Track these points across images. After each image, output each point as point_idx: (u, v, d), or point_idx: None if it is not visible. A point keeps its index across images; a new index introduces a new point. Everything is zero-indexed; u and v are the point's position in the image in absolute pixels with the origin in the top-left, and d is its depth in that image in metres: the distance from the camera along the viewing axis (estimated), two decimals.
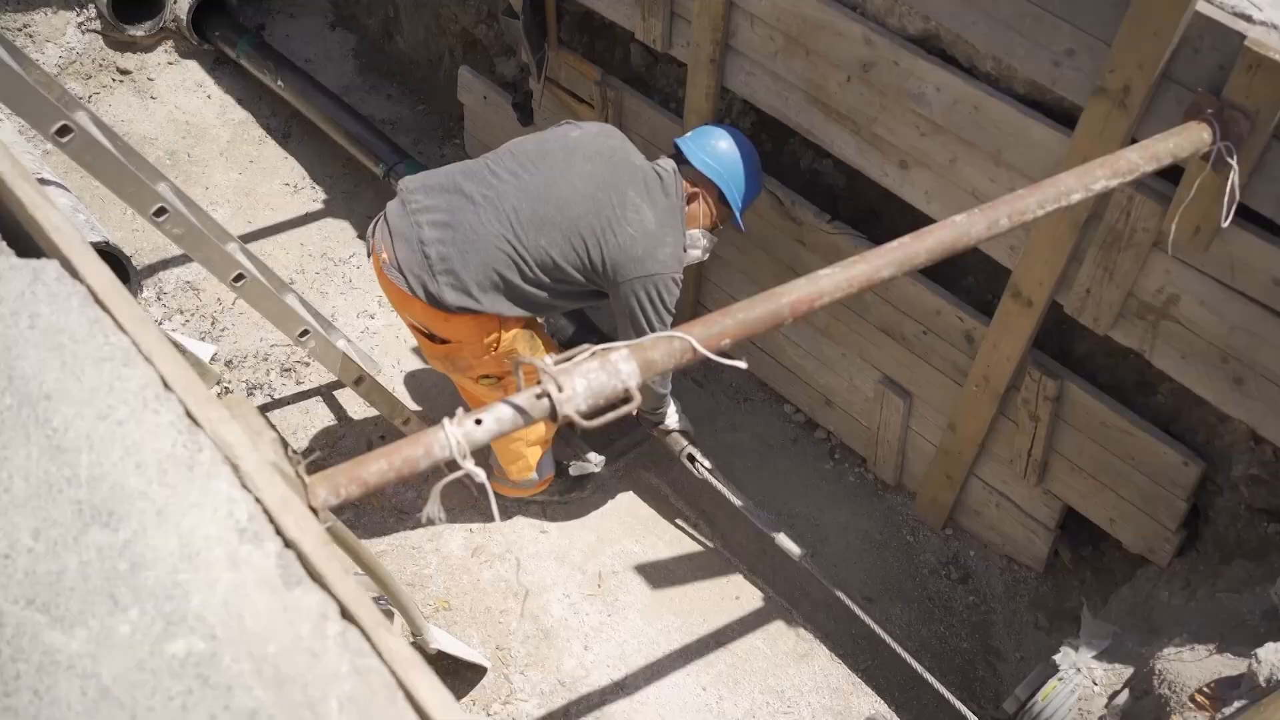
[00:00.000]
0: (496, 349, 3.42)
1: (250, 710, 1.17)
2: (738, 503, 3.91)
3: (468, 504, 4.13)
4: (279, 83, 5.39)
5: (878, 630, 3.59)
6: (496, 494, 3.88)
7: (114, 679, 1.16)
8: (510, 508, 4.14)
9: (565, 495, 4.21)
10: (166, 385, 1.42)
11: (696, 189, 3.48)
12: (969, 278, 3.89)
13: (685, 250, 3.45)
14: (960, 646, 3.98)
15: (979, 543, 4.19)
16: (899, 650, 3.55)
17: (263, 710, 1.17)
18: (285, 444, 1.65)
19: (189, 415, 1.41)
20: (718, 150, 3.49)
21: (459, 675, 3.62)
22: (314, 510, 1.58)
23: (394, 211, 3.37)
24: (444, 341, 3.44)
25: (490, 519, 4.11)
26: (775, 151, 4.32)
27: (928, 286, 3.67)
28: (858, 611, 3.63)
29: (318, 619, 1.26)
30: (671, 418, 3.97)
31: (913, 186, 3.44)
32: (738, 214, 3.56)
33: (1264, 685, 2.48)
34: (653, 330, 3.33)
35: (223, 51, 5.76)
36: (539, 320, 3.67)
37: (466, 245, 3.24)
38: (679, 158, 3.52)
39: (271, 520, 1.35)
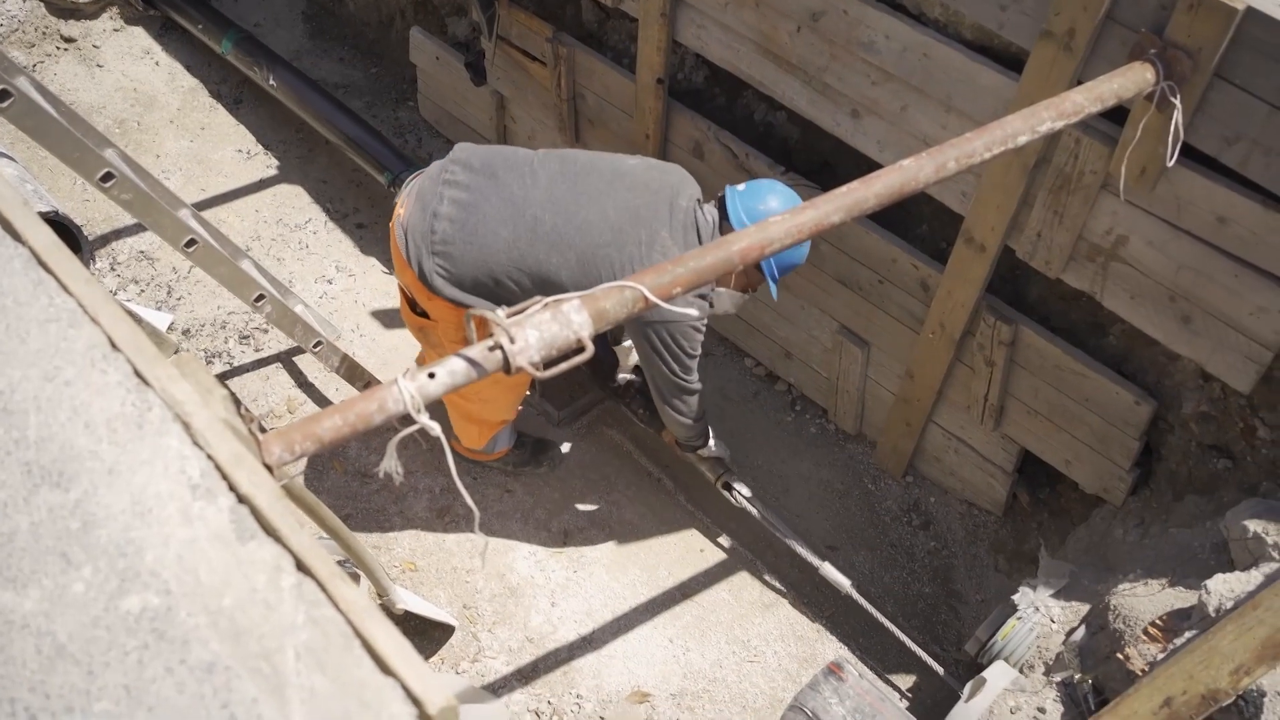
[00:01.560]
0: (470, 343, 3.28)
1: (207, 663, 1.18)
2: (779, 532, 3.81)
3: (432, 466, 4.14)
4: (271, 81, 5.15)
5: (860, 600, 3.65)
6: (453, 452, 3.85)
7: (69, 636, 1.17)
8: (474, 468, 4.15)
9: (518, 468, 4.15)
10: (114, 345, 1.42)
11: None
12: (923, 225, 3.91)
13: (710, 302, 3.22)
14: (923, 591, 4.04)
15: (939, 489, 4.25)
16: (864, 604, 3.62)
17: (219, 662, 1.18)
18: (238, 402, 1.66)
19: (137, 374, 1.41)
20: (757, 212, 3.15)
21: (427, 635, 3.63)
22: (269, 468, 1.58)
23: (430, 173, 3.27)
24: (424, 315, 3.35)
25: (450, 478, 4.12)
26: (728, 105, 4.33)
27: (882, 235, 3.69)
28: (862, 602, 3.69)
29: (272, 571, 1.27)
30: (711, 448, 3.81)
31: (865, 136, 3.45)
32: (773, 286, 3.31)
33: (1213, 615, 2.54)
34: (676, 380, 3.28)
35: (169, 17, 5.67)
36: None
37: (472, 236, 3.10)
38: (724, 210, 3.24)
39: (224, 476, 1.35)
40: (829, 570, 3.70)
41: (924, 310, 3.67)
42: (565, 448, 4.18)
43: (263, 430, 1.60)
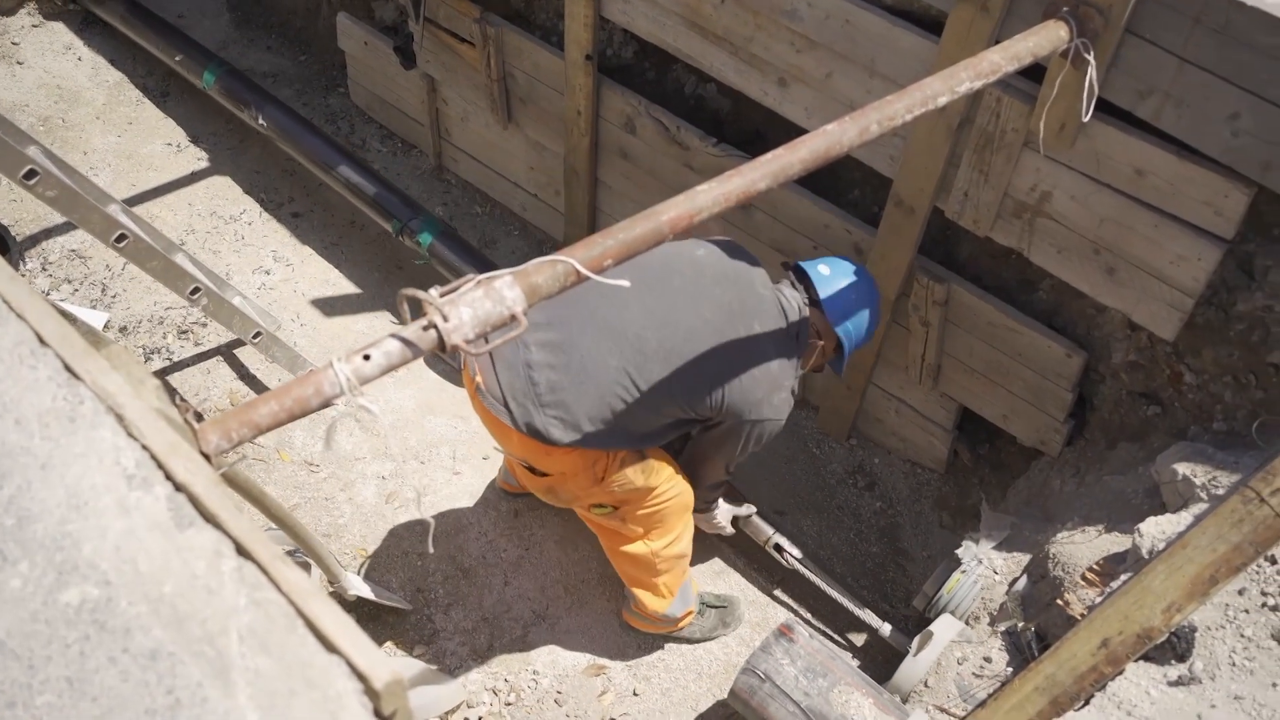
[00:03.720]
0: (604, 479, 3.02)
1: (150, 650, 1.19)
2: (832, 593, 3.69)
3: (380, 452, 4.14)
4: (260, 121, 4.85)
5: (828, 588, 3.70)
6: (632, 628, 3.69)
7: (8, 632, 1.17)
8: (422, 452, 4.15)
9: (706, 637, 3.74)
10: (42, 341, 1.42)
11: (820, 340, 3.08)
12: (855, 191, 3.96)
13: (794, 393, 3.04)
14: (870, 551, 4.11)
15: (882, 450, 4.31)
16: (812, 577, 3.67)
17: (162, 649, 1.19)
18: (173, 392, 1.66)
19: (68, 369, 1.41)
20: (849, 299, 3.06)
21: (380, 620, 3.65)
22: (206, 456, 1.59)
23: None
24: (545, 474, 3.07)
25: (397, 462, 4.13)
26: (659, 79, 4.34)
27: (815, 202, 3.73)
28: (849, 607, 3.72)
29: (212, 556, 1.28)
30: (720, 515, 3.64)
31: (793, 104, 3.48)
32: (844, 364, 3.20)
33: (1146, 557, 2.61)
34: (734, 463, 3.18)
35: (90, 11, 5.58)
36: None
37: (582, 375, 2.84)
38: (809, 291, 3.07)
39: (160, 465, 1.36)
40: (888, 631, 3.63)
41: None
42: (742, 607, 3.85)
43: (199, 419, 1.61)
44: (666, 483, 3.12)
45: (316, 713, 1.17)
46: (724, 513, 3.66)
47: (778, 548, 3.75)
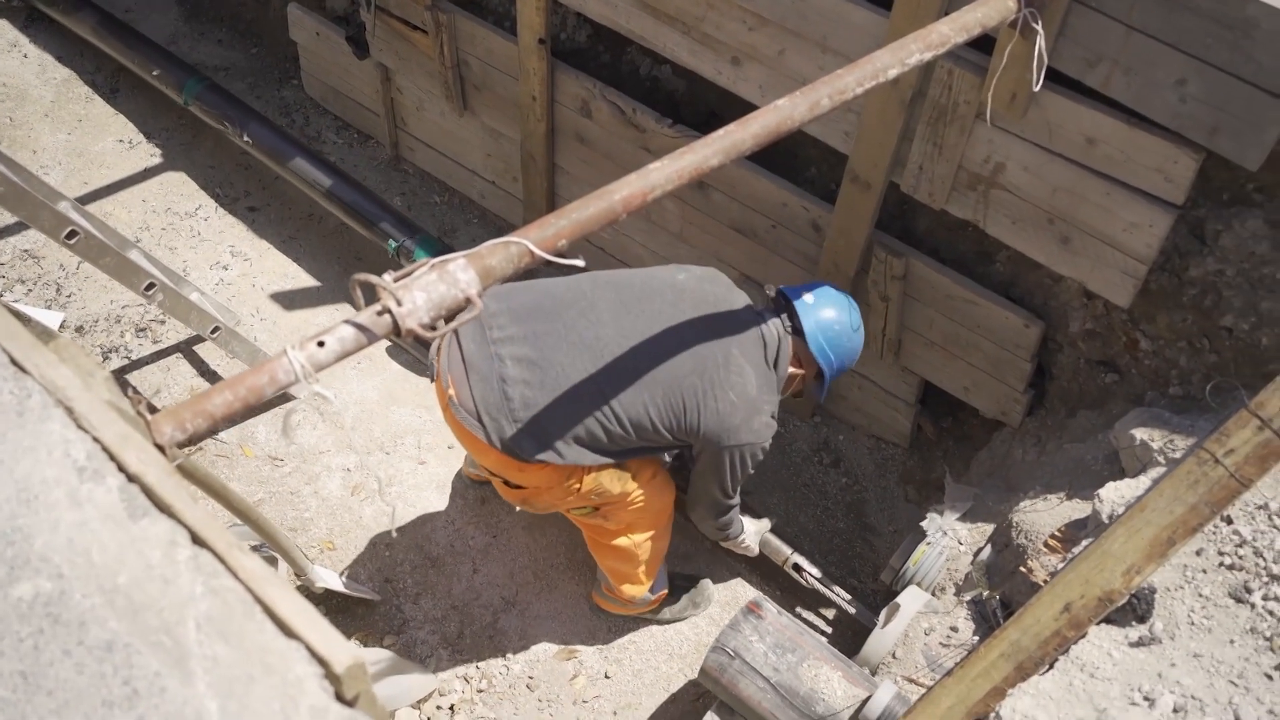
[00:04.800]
0: (580, 490, 3.02)
1: (105, 641, 1.18)
2: (852, 611, 3.67)
3: (344, 445, 4.12)
4: (245, 139, 4.68)
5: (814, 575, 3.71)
6: (603, 610, 3.70)
7: None
8: (387, 443, 4.14)
9: (676, 618, 3.76)
10: None
11: (801, 369, 3.08)
12: (812, 169, 3.97)
13: (774, 417, 3.02)
14: (837, 527, 4.13)
15: (846, 426, 4.33)
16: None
17: (118, 640, 1.18)
18: (127, 384, 1.64)
19: (14, 363, 1.40)
20: (831, 330, 3.04)
21: (350, 611, 3.64)
22: (161, 448, 1.57)
23: (468, 334, 2.91)
24: (520, 486, 3.06)
25: (361, 455, 4.11)
26: (613, 62, 4.33)
27: (772, 180, 3.74)
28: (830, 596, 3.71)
29: (167, 546, 1.27)
30: (747, 538, 3.61)
31: (747, 82, 3.48)
32: (825, 391, 3.19)
33: (1106, 522, 2.63)
34: (724, 498, 3.15)
35: (34, 8, 5.49)
36: None
37: (556, 391, 2.82)
38: (791, 318, 3.06)
39: (112, 457, 1.35)
40: (852, 610, 3.67)
41: (818, 251, 3.73)
42: (711, 588, 3.86)
43: (152, 410, 1.59)
44: (646, 485, 3.12)
45: (276, 698, 1.17)
46: (751, 535, 3.64)
47: (796, 567, 3.72)
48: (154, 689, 1.16)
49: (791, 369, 3.05)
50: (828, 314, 3.05)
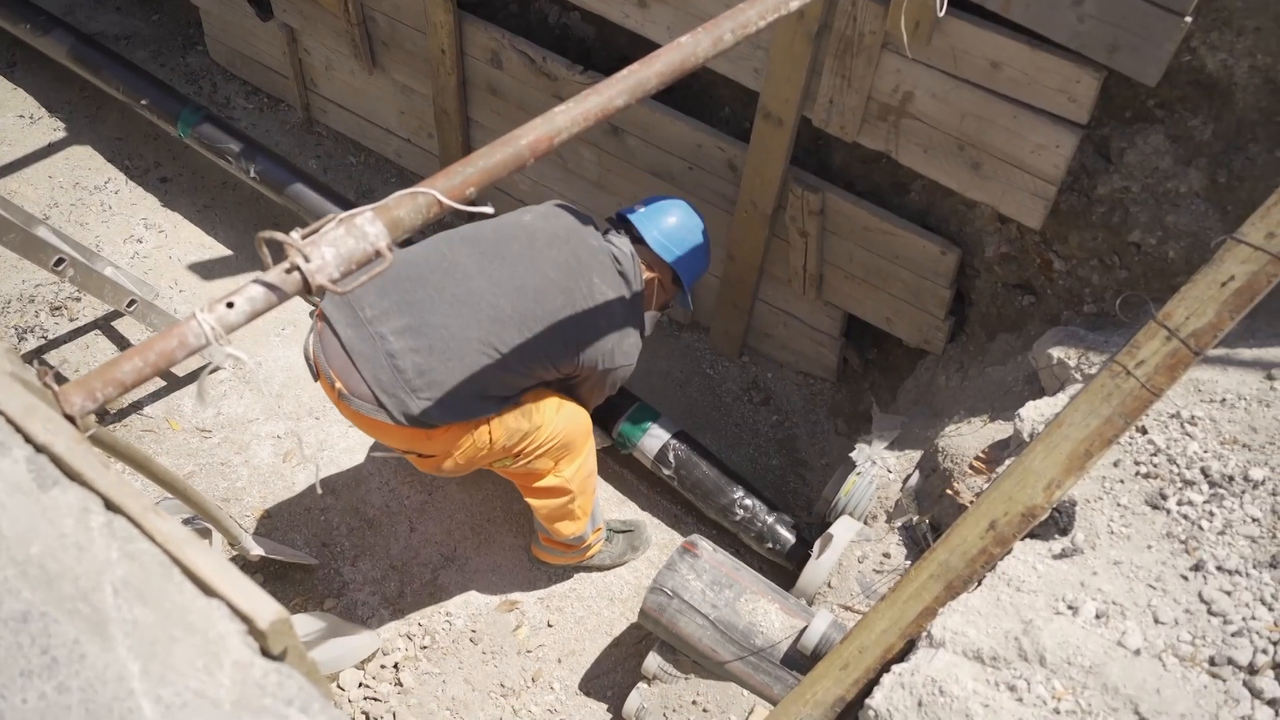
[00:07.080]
0: (491, 439, 3.03)
1: (21, 613, 1.17)
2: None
3: (272, 411, 4.07)
4: (252, 175, 4.42)
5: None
6: (542, 562, 3.72)
7: None
8: (316, 408, 4.10)
9: (616, 562, 3.79)
10: None
11: (653, 273, 3.22)
12: (725, 109, 3.97)
13: (644, 336, 3.20)
14: (770, 464, 4.17)
15: (774, 364, 4.37)
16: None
17: (34, 610, 1.17)
18: (34, 357, 1.61)
19: None
20: (670, 229, 3.23)
21: (288, 578, 3.62)
22: (71, 419, 1.55)
23: (341, 321, 2.89)
24: (432, 455, 3.07)
25: (292, 422, 4.07)
26: (522, 11, 4.29)
27: (686, 122, 3.73)
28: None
29: (79, 514, 1.26)
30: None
31: (655, 25, 3.47)
32: (688, 297, 3.35)
33: (1027, 440, 2.69)
34: (597, 401, 3.32)
35: None
36: None
37: (447, 352, 2.84)
38: (630, 232, 3.23)
39: (17, 429, 1.33)
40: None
41: (735, 191, 3.74)
42: (648, 530, 3.91)
43: (60, 381, 1.56)
44: (552, 414, 3.14)
45: (199, 655, 1.17)
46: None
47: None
48: (73, 656, 1.15)
49: (646, 275, 3.19)
50: (662, 216, 3.26)
